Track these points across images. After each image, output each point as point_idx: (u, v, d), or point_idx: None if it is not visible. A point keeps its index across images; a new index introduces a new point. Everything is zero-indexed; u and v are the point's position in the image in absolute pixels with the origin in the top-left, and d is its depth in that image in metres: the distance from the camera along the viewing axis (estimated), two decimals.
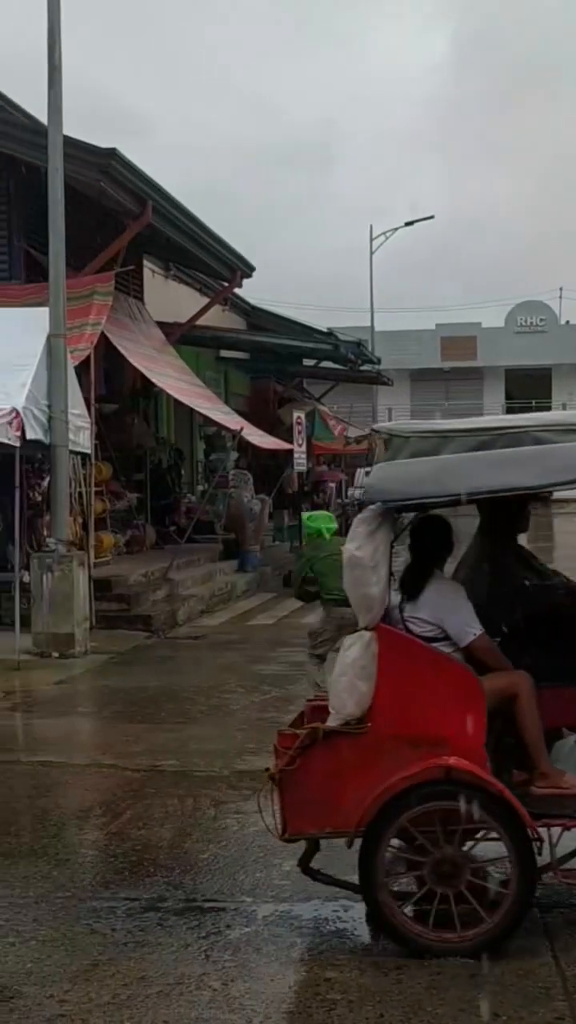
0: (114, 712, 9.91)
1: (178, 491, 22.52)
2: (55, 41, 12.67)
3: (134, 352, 17.51)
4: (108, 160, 14.76)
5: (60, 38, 12.69)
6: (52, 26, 12.66)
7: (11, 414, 11.64)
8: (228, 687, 10.76)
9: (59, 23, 12.69)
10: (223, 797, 7.05)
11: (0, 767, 7.85)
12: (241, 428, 19.50)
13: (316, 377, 33.37)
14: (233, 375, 29.88)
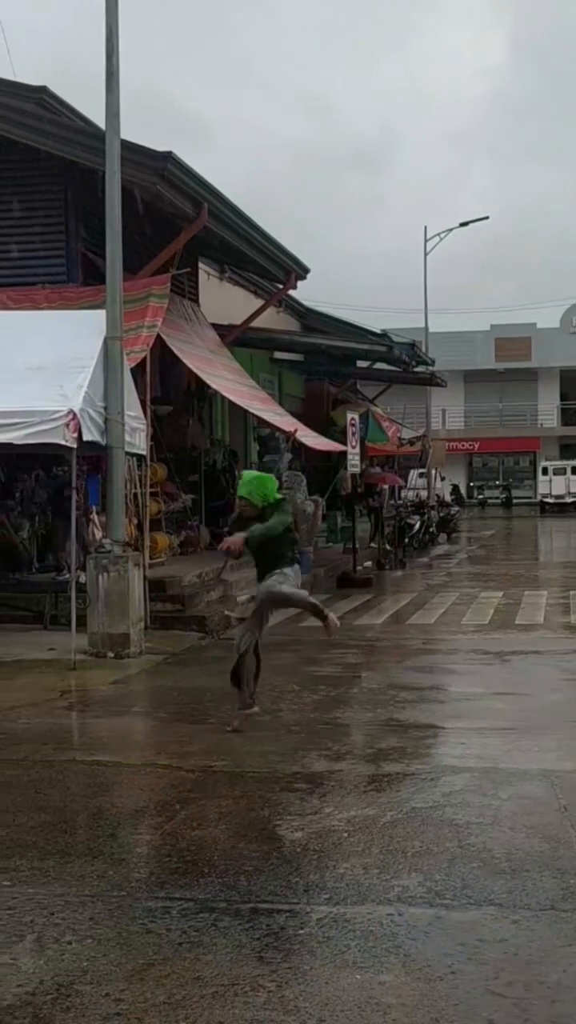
0: (168, 712, 9.96)
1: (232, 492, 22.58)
2: (113, 47, 12.76)
3: (189, 354, 17.60)
4: (164, 163, 14.87)
5: (118, 44, 12.79)
6: (110, 32, 12.76)
7: (68, 416, 11.74)
8: (281, 688, 10.77)
9: (117, 28, 12.78)
10: (277, 798, 7.05)
11: (56, 766, 7.91)
12: (295, 430, 19.53)
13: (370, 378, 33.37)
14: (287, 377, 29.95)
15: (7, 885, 5.59)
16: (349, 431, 21.05)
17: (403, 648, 13.41)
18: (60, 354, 12.62)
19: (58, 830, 6.50)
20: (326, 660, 12.48)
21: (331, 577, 20.86)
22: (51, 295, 15.73)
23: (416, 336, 32.85)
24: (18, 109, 15.98)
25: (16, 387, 11.76)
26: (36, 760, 8.03)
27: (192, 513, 19.12)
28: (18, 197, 16.45)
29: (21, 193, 16.44)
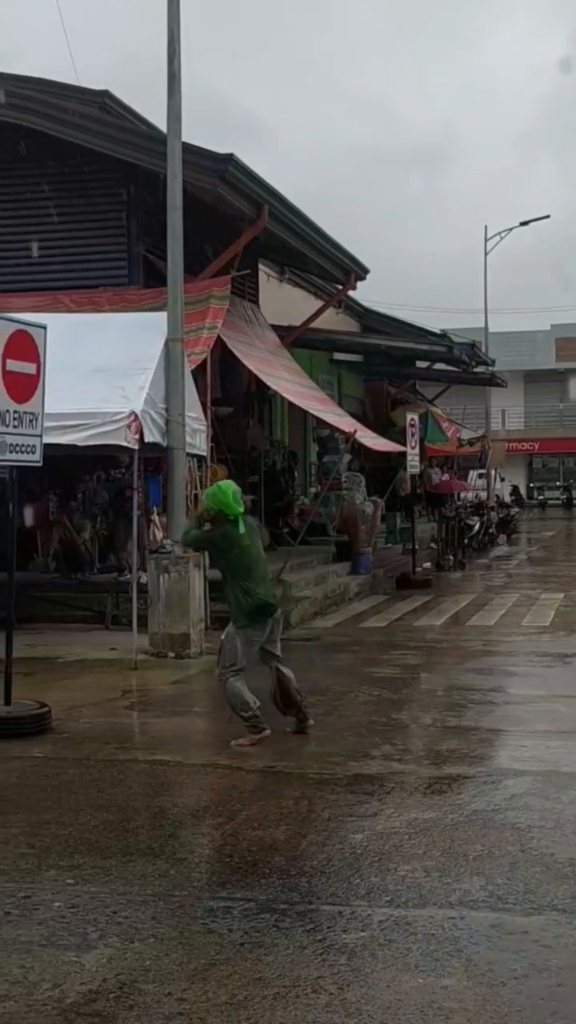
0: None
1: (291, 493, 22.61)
2: (175, 50, 12.83)
3: (249, 355, 17.63)
4: (225, 165, 14.91)
5: (179, 47, 12.85)
6: (172, 35, 12.82)
7: (130, 417, 11.82)
8: (341, 689, 10.76)
9: (179, 32, 12.84)
10: (338, 800, 7.04)
11: (118, 765, 7.96)
12: (355, 431, 19.50)
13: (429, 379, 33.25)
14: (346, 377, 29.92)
15: (70, 883, 5.63)
16: (408, 432, 20.98)
17: (463, 650, 13.34)
18: (122, 356, 12.71)
19: (120, 829, 6.54)
20: (386, 661, 12.45)
21: (390, 578, 20.81)
22: (113, 298, 15.84)
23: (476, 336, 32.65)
24: (81, 113, 16.11)
25: (79, 389, 11.84)
26: (98, 759, 8.08)
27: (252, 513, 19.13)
28: (80, 200, 16.57)
29: (83, 196, 16.57)
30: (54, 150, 16.17)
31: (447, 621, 15.98)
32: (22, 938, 4.97)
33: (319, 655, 13.19)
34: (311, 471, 26.24)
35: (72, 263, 16.55)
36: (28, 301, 15.19)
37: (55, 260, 16.61)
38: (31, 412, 9.22)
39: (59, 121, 15.83)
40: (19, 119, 15.91)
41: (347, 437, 20.19)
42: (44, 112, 15.84)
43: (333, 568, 19.01)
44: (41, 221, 16.71)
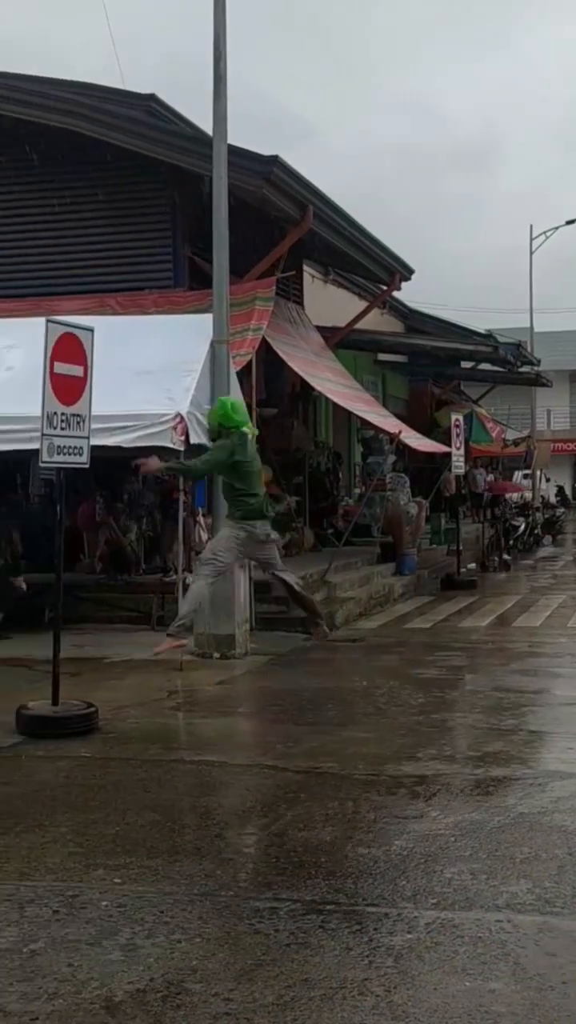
0: (274, 713, 9.99)
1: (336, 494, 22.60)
2: (221, 53, 12.84)
3: (294, 356, 17.64)
4: (270, 167, 14.93)
5: (226, 49, 12.86)
6: (218, 38, 12.84)
7: (175, 419, 11.85)
8: (386, 690, 10.74)
9: (225, 35, 12.86)
10: (383, 801, 7.03)
11: (164, 766, 7.99)
12: (400, 431, 19.45)
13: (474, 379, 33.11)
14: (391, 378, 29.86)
15: (117, 883, 5.66)
16: (453, 432, 20.90)
17: (508, 651, 13.27)
18: (167, 358, 12.75)
19: (167, 829, 6.56)
20: (430, 662, 12.41)
21: (435, 579, 20.74)
22: (158, 300, 15.90)
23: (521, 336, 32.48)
24: (127, 117, 16.19)
25: (125, 391, 11.90)
26: (144, 759, 8.12)
27: (297, 515, 19.16)
28: (126, 203, 16.66)
29: (129, 199, 16.65)
30: (100, 154, 16.26)
31: (492, 622, 15.91)
32: (70, 936, 5.00)
33: (364, 656, 13.19)
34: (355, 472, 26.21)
35: (118, 266, 16.64)
36: (75, 304, 15.30)
37: (101, 263, 16.71)
38: (78, 414, 9.28)
39: (105, 125, 15.92)
40: (65, 123, 16.02)
41: (392, 438, 20.15)
42: (90, 116, 15.93)
43: (377, 569, 18.99)
44: (87, 224, 16.82)
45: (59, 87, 16.88)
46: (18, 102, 16.26)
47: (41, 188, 17.01)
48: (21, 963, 4.73)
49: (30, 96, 16.24)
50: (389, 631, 15.18)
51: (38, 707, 9.10)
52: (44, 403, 8.93)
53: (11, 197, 17.23)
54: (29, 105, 16.17)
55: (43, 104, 16.12)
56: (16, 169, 17.07)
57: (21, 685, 10.72)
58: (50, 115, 16.07)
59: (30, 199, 17.11)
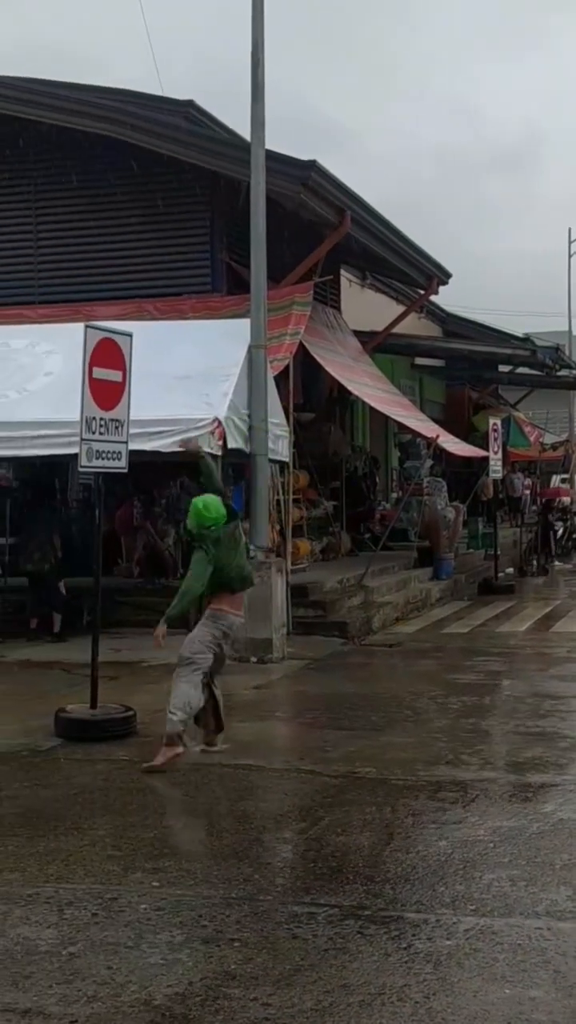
0: (311, 717, 9.98)
1: (373, 498, 22.56)
2: (258, 59, 12.88)
3: (331, 361, 17.64)
4: (308, 172, 14.95)
5: (263, 55, 12.90)
6: (256, 45, 12.87)
7: (213, 424, 11.88)
8: (424, 695, 10.70)
9: (263, 41, 12.89)
10: (421, 806, 7.00)
11: (203, 770, 8.00)
12: (437, 436, 19.40)
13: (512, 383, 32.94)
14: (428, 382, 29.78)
15: (156, 886, 5.66)
16: (491, 436, 20.81)
17: (547, 656, 13.19)
18: (205, 363, 12.79)
19: (204, 832, 6.57)
20: (469, 668, 12.35)
21: (472, 583, 20.65)
22: (196, 305, 15.95)
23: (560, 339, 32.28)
24: (166, 123, 16.23)
25: (163, 396, 11.93)
26: (182, 763, 8.10)
27: (333, 519, 19.14)
28: (165, 209, 16.71)
29: (168, 205, 16.71)
30: (139, 160, 16.33)
31: (530, 627, 15.82)
32: (109, 939, 5.01)
33: (401, 661, 13.15)
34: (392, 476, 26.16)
35: (156, 271, 16.70)
36: (114, 309, 15.37)
37: (140, 268, 16.78)
38: (117, 419, 9.31)
39: (145, 131, 15.97)
40: (106, 130, 16.09)
41: (429, 442, 20.10)
42: (130, 123, 16.00)
43: (415, 573, 18.93)
44: (126, 230, 16.90)
45: (99, 94, 16.97)
46: (59, 109, 16.36)
47: (80, 195, 17.11)
48: (60, 965, 4.75)
49: (70, 103, 16.33)
50: (426, 636, 15.12)
51: (77, 710, 9.14)
52: (83, 408, 8.97)
53: (51, 204, 17.34)
54: (69, 112, 16.27)
55: (83, 111, 16.21)
56: (56, 176, 17.18)
57: (60, 688, 10.78)
58: (90, 122, 16.15)
59: (70, 206, 17.21)
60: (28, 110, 16.55)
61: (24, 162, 17.33)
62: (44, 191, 17.35)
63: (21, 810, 6.99)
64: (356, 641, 14.16)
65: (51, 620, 14.18)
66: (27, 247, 17.39)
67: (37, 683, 11.32)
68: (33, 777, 7.76)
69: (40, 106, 16.51)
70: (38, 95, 16.57)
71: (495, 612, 17.36)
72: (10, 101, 16.65)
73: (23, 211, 17.44)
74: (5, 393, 12.81)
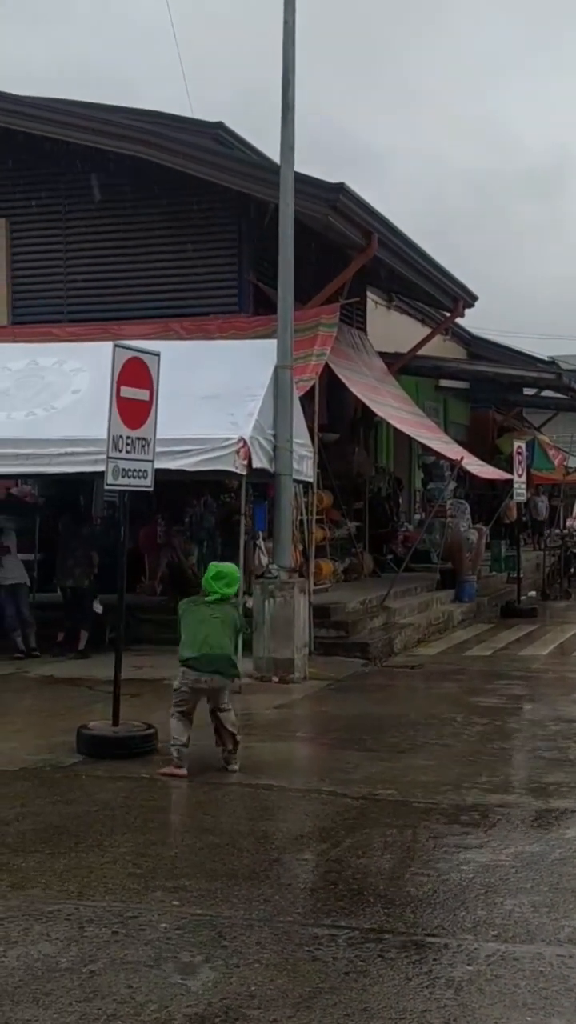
0: (332, 738, 9.95)
1: (396, 520, 22.52)
2: (289, 81, 12.94)
3: (356, 382, 17.67)
4: (336, 194, 15.00)
5: (294, 77, 12.96)
6: (286, 66, 12.93)
7: (239, 443, 11.90)
8: (445, 718, 10.66)
9: (293, 63, 12.96)
10: (442, 830, 6.97)
11: (223, 789, 7.99)
12: (461, 458, 19.37)
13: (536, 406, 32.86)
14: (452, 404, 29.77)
15: (176, 905, 5.65)
16: (516, 459, 20.76)
17: (569, 680, 13.12)
18: (231, 383, 12.82)
19: (225, 852, 6.55)
20: (490, 691, 12.30)
21: (495, 606, 20.58)
22: (223, 325, 15.99)
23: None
24: (195, 145, 16.32)
25: (189, 415, 11.97)
26: (203, 782, 8.12)
27: (356, 540, 19.12)
28: (192, 230, 16.78)
29: (195, 226, 16.77)
30: (168, 181, 16.42)
31: (553, 651, 15.74)
32: (129, 958, 5.00)
33: (423, 683, 13.11)
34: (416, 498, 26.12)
35: (184, 291, 16.76)
36: (141, 329, 15.43)
37: (167, 288, 16.84)
38: (143, 438, 9.34)
39: (174, 152, 16.04)
40: (135, 151, 16.17)
41: (453, 464, 20.06)
42: (159, 144, 16.08)
43: (437, 595, 18.89)
44: (154, 250, 16.97)
45: (128, 115, 17.09)
46: (89, 130, 16.46)
47: (110, 215, 17.20)
48: (81, 983, 4.74)
49: (101, 124, 16.43)
50: (448, 658, 15.07)
51: (99, 727, 9.15)
52: (110, 426, 9.00)
53: (81, 223, 17.44)
54: (100, 133, 16.36)
55: (113, 132, 16.31)
56: (84, 196, 17.28)
57: (82, 705, 10.79)
58: (120, 143, 16.25)
59: (99, 225, 17.31)
60: (59, 131, 16.66)
61: (56, 182, 17.45)
62: (74, 211, 17.46)
63: (43, 826, 6.99)
64: (378, 662, 14.13)
65: (78, 636, 14.22)
66: (57, 266, 17.49)
67: (60, 699, 11.34)
68: (55, 793, 7.77)
69: (71, 127, 16.62)
70: (70, 116, 16.69)
71: (517, 635, 17.29)
72: (42, 122, 16.77)
73: (54, 230, 17.55)
74: (33, 411, 12.89)
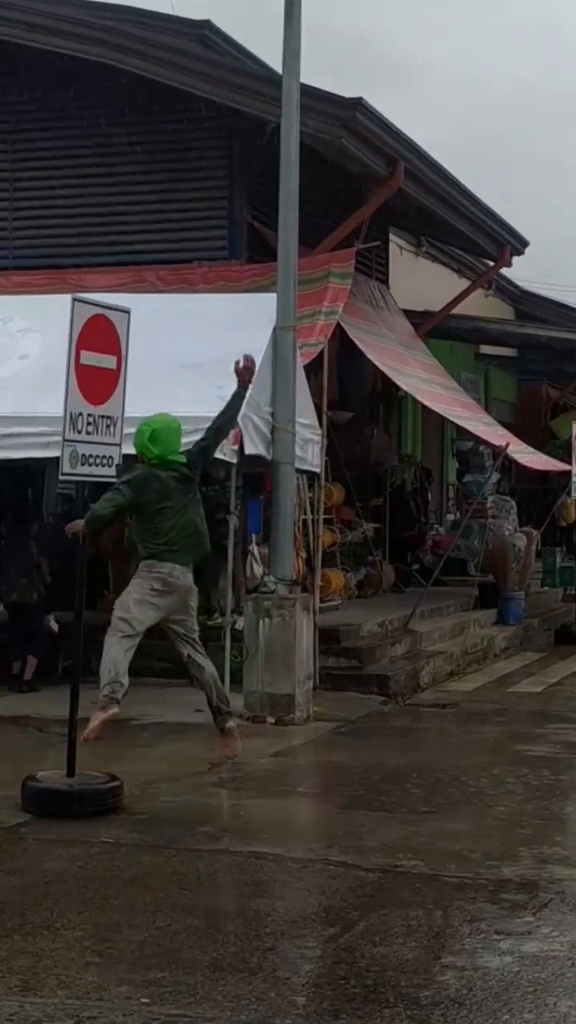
0: (343, 795, 9.96)
1: (424, 521, 22.54)
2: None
3: (375, 347, 17.69)
4: (352, 112, 15.02)
5: None
6: None
7: None
8: (485, 770, 10.67)
9: None
10: (480, 911, 6.97)
11: (205, 857, 7.99)
12: (507, 444, 19.37)
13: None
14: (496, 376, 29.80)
15: (145, 1003, 5.65)
16: (574, 446, 20.77)
17: None
18: (219, 348, 12.77)
19: (207, 938, 6.55)
20: (541, 737, 12.33)
21: (547, 630, 20.63)
22: (209, 274, 16.01)
23: None
24: (176, 48, 16.28)
25: (165, 389, 11.95)
26: (180, 848, 8.12)
27: (374, 546, 19.15)
28: (173, 156, 16.77)
29: (177, 151, 16.77)
30: (141, 94, 16.43)
31: None
32: None
33: (456, 726, 13.13)
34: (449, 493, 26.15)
35: (160, 232, 16.77)
36: (107, 278, 15.47)
37: (140, 228, 16.86)
38: (109, 416, 9.35)
39: (146, 57, 16.00)
40: (98, 55, 16.13)
41: (496, 451, 20.08)
42: (129, 47, 16.05)
43: (475, 616, 18.91)
44: (124, 180, 16.97)
45: (93, 11, 17.03)
46: (41, 29, 16.37)
47: (68, 136, 17.20)
48: None
49: (59, 22, 16.33)
50: (488, 695, 15.09)
51: (50, 779, 9.15)
52: (67, 401, 9.00)
53: (31, 147, 17.43)
54: (58, 34, 16.29)
55: (74, 32, 16.25)
56: (40, 113, 17.29)
57: (29, 750, 10.81)
58: (82, 46, 16.19)
59: (54, 149, 17.30)
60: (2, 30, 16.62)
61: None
62: (23, 131, 17.46)
63: None
64: (400, 700, 14.15)
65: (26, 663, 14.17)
66: (1, 199, 17.50)
67: (2, 743, 11.35)
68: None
69: (17, 24, 16.54)
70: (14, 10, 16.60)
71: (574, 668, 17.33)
72: None
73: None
74: None
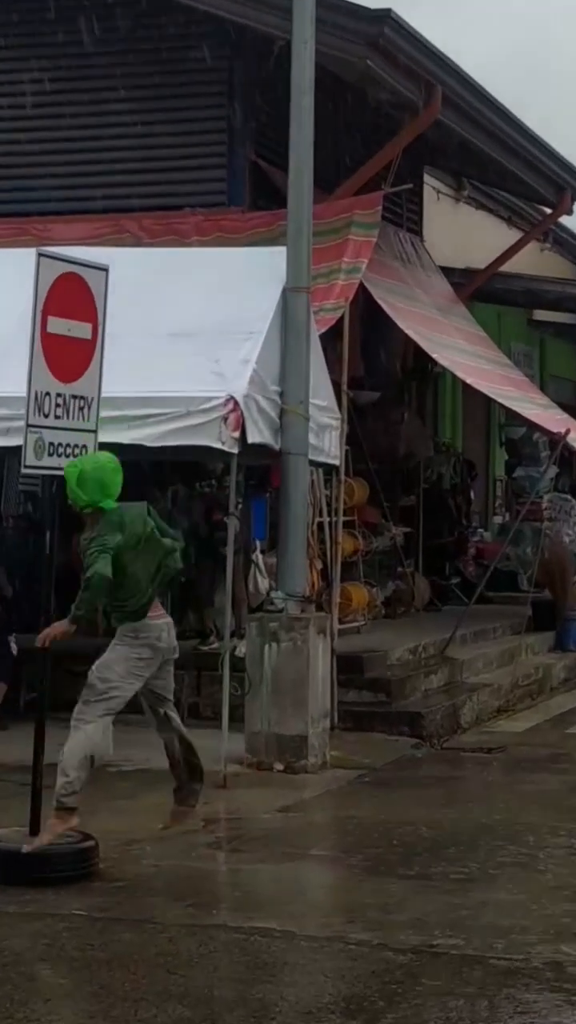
0: (366, 859, 9.95)
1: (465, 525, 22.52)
2: None
3: (407, 312, 17.67)
4: (379, 27, 15.02)
5: None
6: None
7: (227, 405, 11.85)
8: (539, 829, 10.69)
9: None
10: (531, 1000, 6.97)
11: (198, 934, 7.98)
12: (567, 431, 19.35)
13: None
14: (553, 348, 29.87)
15: None
16: None
17: None
18: (216, 313, 12.80)
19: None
20: None
21: None
22: (204, 224, 16.01)
23: None
24: None
25: (152, 362, 11.98)
26: (168, 923, 8.12)
27: (405, 554, 19.14)
28: (162, 80, 16.78)
29: (167, 73, 16.78)
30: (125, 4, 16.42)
31: None
32: None
33: (504, 775, 13.13)
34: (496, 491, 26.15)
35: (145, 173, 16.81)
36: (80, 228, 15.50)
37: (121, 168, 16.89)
38: (83, 396, 9.35)
39: None
40: None
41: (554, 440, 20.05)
42: None
43: (528, 641, 18.89)
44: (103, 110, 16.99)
45: None
46: None
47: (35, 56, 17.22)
48: None
49: None
50: (544, 737, 15.10)
51: (9, 838, 9.17)
52: (31, 378, 9.01)
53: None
54: None
55: None
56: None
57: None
58: None
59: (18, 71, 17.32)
60: None
61: None
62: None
63: None
64: (436, 742, 14.15)
65: None
66: None
67: None
68: None
69: None
70: None
71: None
72: None
73: None
74: None
